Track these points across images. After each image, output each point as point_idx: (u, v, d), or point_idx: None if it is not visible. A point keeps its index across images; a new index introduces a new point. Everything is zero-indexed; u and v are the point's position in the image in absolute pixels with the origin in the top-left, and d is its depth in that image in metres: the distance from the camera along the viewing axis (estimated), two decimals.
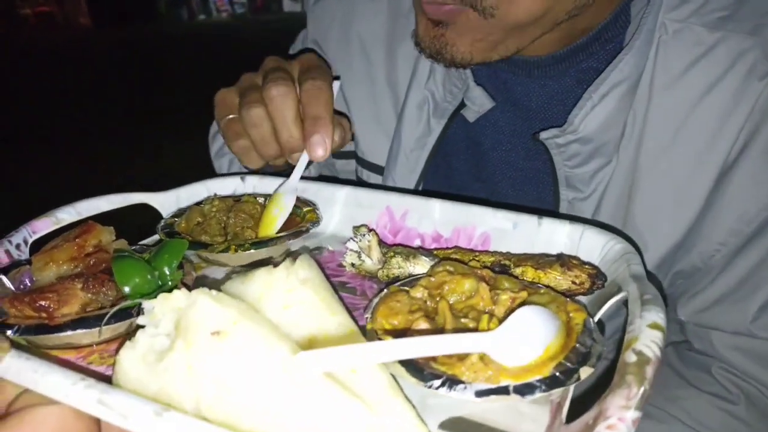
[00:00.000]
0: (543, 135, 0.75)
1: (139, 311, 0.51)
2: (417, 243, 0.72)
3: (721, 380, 0.80)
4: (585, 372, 0.41)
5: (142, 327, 0.42)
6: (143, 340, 0.41)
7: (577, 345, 0.43)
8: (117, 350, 0.42)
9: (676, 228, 0.77)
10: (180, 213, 0.72)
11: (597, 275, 0.55)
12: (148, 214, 0.76)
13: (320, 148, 0.67)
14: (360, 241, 0.63)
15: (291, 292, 0.45)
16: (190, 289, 0.56)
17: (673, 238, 0.78)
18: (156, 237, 0.69)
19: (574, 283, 0.54)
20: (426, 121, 0.87)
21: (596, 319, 0.51)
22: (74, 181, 3.74)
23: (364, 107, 0.96)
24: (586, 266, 0.55)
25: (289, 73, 0.72)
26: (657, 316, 0.42)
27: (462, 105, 0.84)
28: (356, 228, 0.65)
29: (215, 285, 0.56)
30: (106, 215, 0.70)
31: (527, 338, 0.41)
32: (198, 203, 0.72)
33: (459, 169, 0.91)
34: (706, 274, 0.79)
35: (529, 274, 0.56)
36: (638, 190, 0.77)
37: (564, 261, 0.56)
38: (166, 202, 0.76)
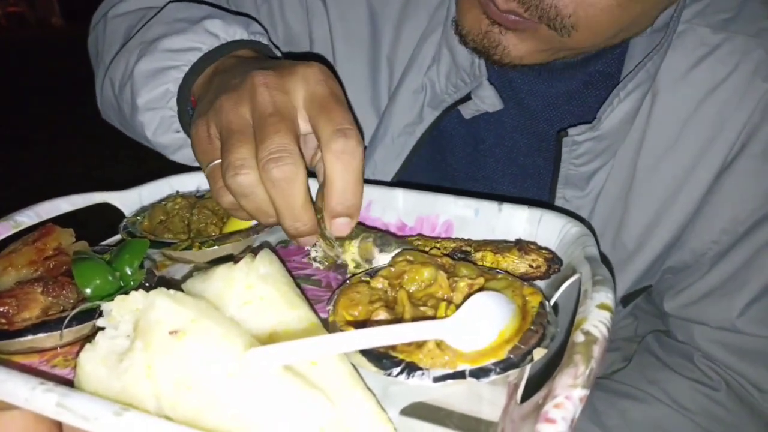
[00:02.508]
0: (572, 131, 0.73)
1: (101, 313, 0.51)
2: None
3: (703, 368, 0.83)
4: (538, 353, 0.43)
5: (103, 329, 0.42)
6: (103, 342, 0.41)
7: (532, 327, 0.45)
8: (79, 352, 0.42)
9: (672, 226, 0.79)
10: (142, 211, 0.71)
11: (553, 259, 0.56)
12: (114, 214, 0.75)
13: (345, 229, 0.53)
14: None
15: (251, 289, 0.46)
16: (150, 288, 0.57)
17: (668, 236, 0.80)
18: (118, 237, 0.69)
19: (531, 266, 0.56)
20: (419, 109, 0.83)
21: (552, 301, 0.52)
22: (49, 182, 3.66)
23: (359, 79, 0.89)
24: (543, 251, 0.57)
25: (294, 123, 0.52)
26: (606, 296, 0.44)
27: (461, 100, 0.81)
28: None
29: (179, 283, 0.56)
30: (70, 217, 0.69)
31: (482, 323, 0.42)
32: (160, 201, 0.72)
33: (454, 165, 0.89)
34: (695, 270, 0.81)
35: (489, 258, 0.58)
36: (636, 188, 0.79)
37: (522, 246, 0.57)
38: (129, 200, 0.75)
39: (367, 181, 0.77)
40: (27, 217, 0.66)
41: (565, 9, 0.59)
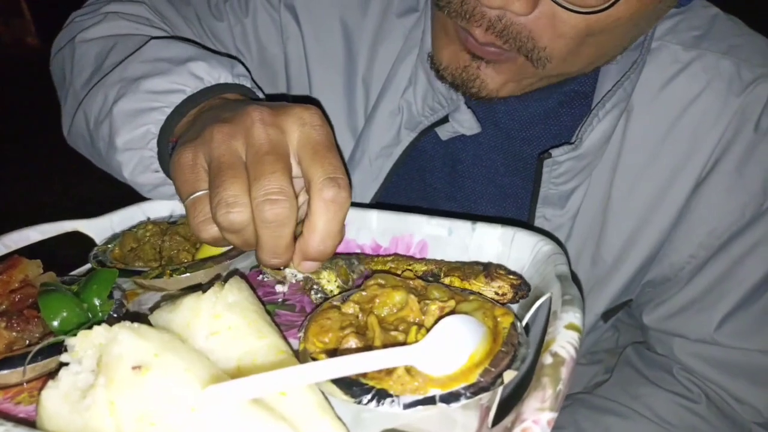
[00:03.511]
0: (555, 152, 0.74)
1: (66, 347, 0.50)
2: (357, 251, 0.72)
3: (683, 381, 0.83)
4: (509, 375, 0.43)
5: (66, 364, 0.41)
6: (66, 378, 0.40)
7: (503, 349, 0.44)
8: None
9: (650, 242, 0.80)
10: (113, 239, 0.70)
11: (520, 285, 0.56)
12: (85, 240, 0.74)
13: (312, 269, 0.54)
14: None
15: (218, 318, 0.45)
16: (120, 320, 0.56)
17: (646, 251, 0.81)
18: (89, 266, 0.68)
19: (497, 293, 0.56)
20: (396, 131, 0.83)
21: (524, 321, 0.52)
22: (26, 201, 3.60)
23: (335, 100, 0.89)
24: (511, 276, 0.57)
25: (288, 164, 0.51)
26: (574, 316, 0.44)
27: (439, 122, 0.81)
28: None
29: (148, 314, 0.55)
30: (40, 245, 0.68)
31: (451, 347, 0.42)
32: (131, 228, 0.71)
33: (432, 185, 0.88)
34: (674, 284, 0.82)
35: (456, 284, 0.58)
36: (613, 206, 0.79)
37: (489, 271, 0.57)
38: (100, 228, 0.74)
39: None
40: None
41: (540, 41, 0.61)
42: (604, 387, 0.92)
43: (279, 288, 0.65)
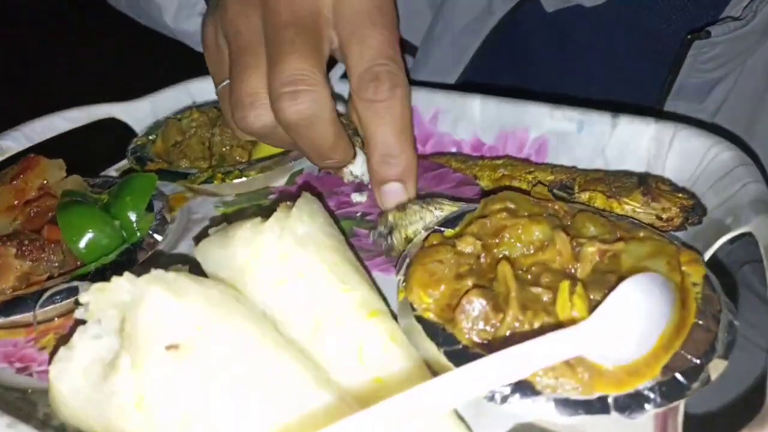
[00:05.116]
0: (716, 30, 0.56)
1: (96, 275, 0.39)
2: (453, 151, 0.57)
3: None
4: (716, 368, 0.28)
5: (83, 323, 0.30)
6: (81, 345, 0.29)
7: (699, 322, 0.30)
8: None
9: None
10: (155, 128, 0.58)
11: (693, 208, 0.40)
12: (124, 128, 0.62)
13: (396, 198, 0.42)
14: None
15: (286, 260, 0.32)
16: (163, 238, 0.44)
17: None
18: (125, 163, 0.56)
19: (659, 218, 0.40)
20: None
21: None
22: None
23: None
24: (680, 195, 0.41)
25: (317, 37, 0.40)
26: None
27: None
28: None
29: (199, 236, 0.44)
30: (67, 140, 0.56)
31: (632, 327, 0.28)
32: (177, 115, 0.58)
33: (531, 70, 0.72)
34: None
35: (599, 202, 0.42)
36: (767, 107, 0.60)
37: (648, 186, 0.41)
38: (139, 113, 0.61)
39: (431, 85, 0.61)
40: (13, 141, 0.53)
41: None
42: None
43: (356, 197, 0.51)
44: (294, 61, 0.38)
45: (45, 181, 0.45)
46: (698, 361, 0.28)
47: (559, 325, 0.30)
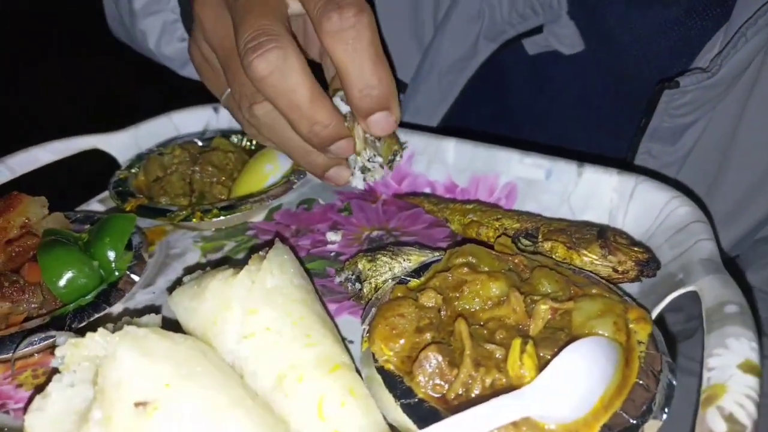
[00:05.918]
0: (684, 81, 0.58)
1: (74, 317, 0.41)
2: (427, 191, 0.59)
3: None
4: (651, 428, 0.30)
5: (57, 372, 0.31)
6: (56, 395, 0.30)
7: (640, 381, 0.32)
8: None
9: None
10: (138, 160, 0.59)
11: (648, 262, 0.43)
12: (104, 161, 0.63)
13: (386, 126, 0.42)
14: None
15: (254, 314, 0.34)
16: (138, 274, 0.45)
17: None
18: (107, 195, 0.57)
19: (615, 270, 0.43)
20: (473, 41, 0.69)
21: (653, 315, 0.40)
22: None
23: (398, 5, 0.74)
24: (636, 249, 0.43)
25: (278, 6, 0.41)
26: (750, 348, 0.31)
27: (528, 32, 0.66)
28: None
29: (176, 282, 0.45)
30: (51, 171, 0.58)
31: (574, 390, 0.30)
32: (159, 149, 0.60)
33: (512, 109, 0.74)
34: None
35: (560, 253, 0.44)
36: (737, 146, 0.62)
37: (606, 240, 0.44)
38: (122, 144, 0.63)
39: (409, 126, 0.63)
40: None
41: None
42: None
43: (331, 236, 0.53)
44: (252, 19, 0.39)
45: (27, 219, 0.46)
46: (635, 422, 0.30)
47: (509, 382, 0.32)
